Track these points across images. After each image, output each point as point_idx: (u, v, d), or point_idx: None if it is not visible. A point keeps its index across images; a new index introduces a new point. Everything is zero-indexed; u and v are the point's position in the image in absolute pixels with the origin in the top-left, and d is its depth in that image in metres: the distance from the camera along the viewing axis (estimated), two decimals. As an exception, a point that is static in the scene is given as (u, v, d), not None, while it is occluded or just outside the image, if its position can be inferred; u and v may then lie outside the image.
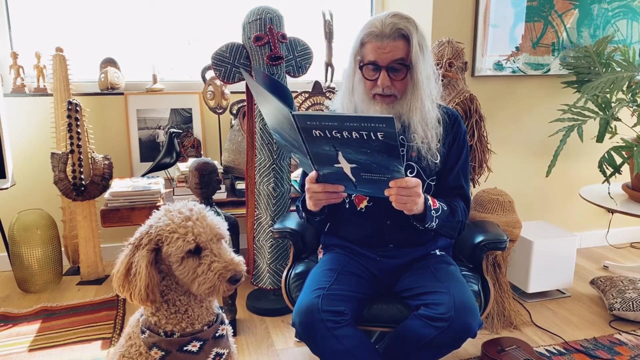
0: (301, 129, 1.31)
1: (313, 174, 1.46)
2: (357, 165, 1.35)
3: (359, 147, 1.29)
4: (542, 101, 2.93)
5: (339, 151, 1.33)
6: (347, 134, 1.27)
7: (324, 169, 1.42)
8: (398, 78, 1.52)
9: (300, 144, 1.37)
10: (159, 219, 1.21)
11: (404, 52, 1.50)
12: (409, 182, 1.38)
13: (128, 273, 1.18)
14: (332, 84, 3.00)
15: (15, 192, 2.75)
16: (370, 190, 1.46)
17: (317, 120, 1.28)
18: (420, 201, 1.43)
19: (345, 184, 1.45)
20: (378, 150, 1.29)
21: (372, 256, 1.68)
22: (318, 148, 1.35)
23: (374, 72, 1.53)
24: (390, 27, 1.48)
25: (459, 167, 1.65)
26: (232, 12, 2.99)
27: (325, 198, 1.49)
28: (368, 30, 1.52)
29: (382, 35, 1.49)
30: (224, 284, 1.17)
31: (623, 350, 2.13)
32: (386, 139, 1.25)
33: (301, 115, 1.29)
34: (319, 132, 1.29)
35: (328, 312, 1.44)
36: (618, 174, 2.38)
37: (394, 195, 1.40)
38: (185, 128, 2.94)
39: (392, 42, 1.49)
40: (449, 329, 1.42)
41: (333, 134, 1.28)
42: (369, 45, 1.52)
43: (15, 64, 2.71)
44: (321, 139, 1.31)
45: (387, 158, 1.30)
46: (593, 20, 2.85)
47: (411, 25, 1.50)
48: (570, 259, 2.52)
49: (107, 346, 2.11)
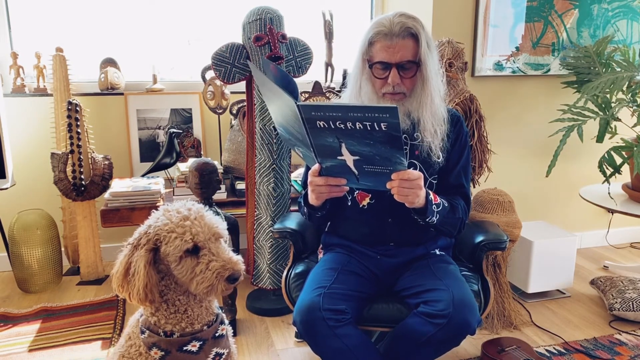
0: (305, 120, 1.33)
1: (316, 167, 1.47)
2: (360, 157, 1.37)
3: (362, 138, 1.31)
4: (542, 101, 2.93)
5: (342, 143, 1.34)
6: (351, 124, 1.29)
7: (327, 162, 1.43)
8: (408, 76, 1.55)
9: (304, 136, 1.38)
10: (157, 219, 1.21)
11: (413, 51, 1.52)
12: (411, 175, 1.39)
13: (127, 273, 1.18)
14: (332, 84, 3.00)
15: (15, 192, 2.75)
16: (372, 183, 1.46)
17: (321, 111, 1.29)
18: (421, 194, 1.45)
19: (348, 177, 1.46)
20: (381, 142, 1.30)
21: (372, 255, 1.68)
22: (322, 140, 1.36)
23: (383, 71, 1.55)
24: (400, 26, 1.50)
25: (461, 167, 1.67)
26: (232, 12, 2.99)
27: (327, 191, 1.49)
28: (376, 29, 1.53)
29: (391, 34, 1.51)
30: (222, 283, 1.17)
31: (623, 350, 2.13)
32: (389, 129, 1.26)
33: (306, 106, 1.31)
34: (323, 122, 1.31)
35: (329, 311, 1.45)
36: (618, 174, 2.38)
37: (395, 188, 1.41)
38: (185, 128, 2.94)
39: (401, 40, 1.51)
40: (448, 325, 1.42)
41: (337, 124, 1.30)
42: (378, 45, 1.54)
43: (15, 64, 2.71)
44: (325, 130, 1.33)
45: (389, 149, 1.32)
46: (593, 20, 2.85)
47: (418, 24, 1.53)
48: (570, 259, 2.52)
49: (107, 346, 2.11)
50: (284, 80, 1.70)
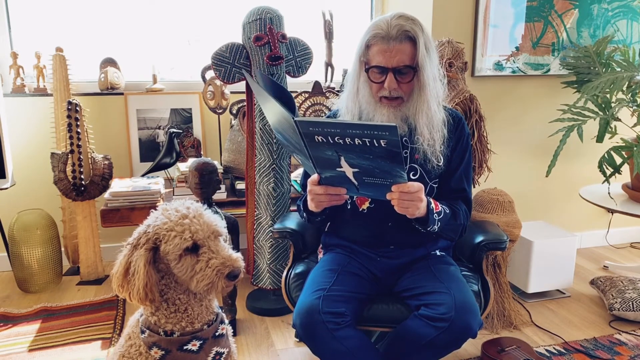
0: (303, 134, 1.32)
1: (315, 176, 1.46)
2: (359, 169, 1.35)
3: (362, 153, 1.29)
4: (542, 101, 2.93)
5: (341, 156, 1.33)
6: (350, 140, 1.27)
7: (326, 172, 1.43)
8: (405, 80, 1.51)
9: (303, 148, 1.37)
10: (156, 218, 1.21)
11: (410, 55, 1.48)
12: (411, 187, 1.38)
13: (127, 273, 1.18)
14: (332, 84, 3.00)
15: (15, 192, 2.75)
16: (372, 193, 1.46)
17: (319, 127, 1.28)
18: (422, 205, 1.44)
19: (348, 186, 1.45)
20: (380, 157, 1.29)
21: (372, 256, 1.68)
22: (320, 152, 1.35)
23: (380, 75, 1.52)
24: (397, 29, 1.46)
25: (462, 170, 1.65)
26: (232, 12, 2.99)
27: (327, 200, 1.49)
28: (373, 32, 1.49)
29: (388, 37, 1.47)
30: (222, 280, 1.17)
31: (623, 350, 2.13)
32: (389, 146, 1.25)
33: (304, 122, 1.29)
34: (321, 137, 1.30)
35: (329, 314, 1.44)
36: (618, 174, 2.37)
37: (396, 200, 1.40)
38: (185, 128, 2.94)
39: (398, 44, 1.47)
40: (450, 329, 1.42)
41: (335, 140, 1.28)
42: (375, 48, 1.50)
43: (15, 64, 2.71)
44: (323, 144, 1.32)
45: (389, 164, 1.31)
46: (593, 20, 2.86)
47: (417, 27, 1.48)
48: (570, 259, 2.52)
49: (107, 346, 2.11)
50: (279, 92, 1.70)
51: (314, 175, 1.47)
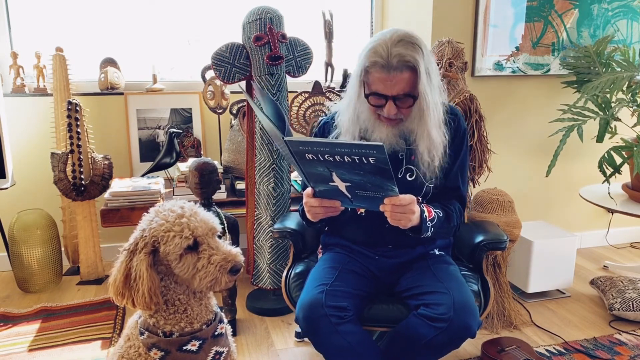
0: (294, 153, 1.36)
1: (310, 190, 1.50)
2: (351, 184, 1.39)
3: (352, 169, 1.33)
4: (542, 101, 2.93)
5: (332, 172, 1.37)
6: (339, 157, 1.31)
7: (320, 186, 1.46)
8: (405, 106, 1.49)
9: (296, 164, 1.42)
10: (150, 220, 1.21)
11: (411, 83, 1.45)
12: (402, 200, 1.40)
13: (127, 279, 1.17)
14: (332, 83, 3.00)
15: (15, 192, 2.75)
16: (366, 205, 1.49)
17: (309, 146, 1.32)
18: (414, 217, 1.45)
19: (342, 199, 1.48)
20: (371, 172, 1.33)
21: (371, 255, 1.68)
22: (312, 169, 1.40)
23: (379, 100, 1.50)
24: (397, 59, 1.42)
25: (457, 167, 1.64)
26: (232, 12, 2.99)
27: (322, 212, 1.52)
28: (373, 59, 1.44)
29: (388, 66, 1.43)
30: (225, 276, 1.18)
31: (623, 350, 2.13)
32: (378, 163, 1.28)
33: (293, 141, 1.33)
34: (311, 155, 1.34)
35: (332, 308, 1.45)
36: (618, 174, 2.37)
37: (388, 212, 1.42)
38: (185, 128, 2.94)
39: (399, 74, 1.43)
40: (449, 329, 1.42)
41: (325, 157, 1.33)
42: (375, 75, 1.46)
43: (15, 64, 2.71)
44: (314, 162, 1.36)
45: (380, 179, 1.34)
46: (593, 20, 2.85)
47: (418, 53, 1.44)
48: (570, 259, 2.52)
49: (107, 346, 2.11)
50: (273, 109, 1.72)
51: (309, 188, 1.50)
